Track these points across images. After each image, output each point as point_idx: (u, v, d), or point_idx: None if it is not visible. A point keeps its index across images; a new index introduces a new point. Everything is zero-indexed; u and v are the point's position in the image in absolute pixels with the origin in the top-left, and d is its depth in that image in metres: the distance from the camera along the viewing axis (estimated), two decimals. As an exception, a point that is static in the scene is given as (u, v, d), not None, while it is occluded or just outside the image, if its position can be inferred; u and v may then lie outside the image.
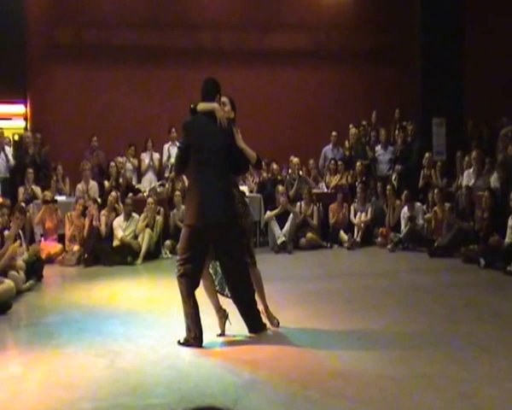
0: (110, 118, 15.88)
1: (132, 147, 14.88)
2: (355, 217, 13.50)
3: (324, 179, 14.89)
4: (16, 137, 15.22)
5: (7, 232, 9.32)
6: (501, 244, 10.47)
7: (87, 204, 12.50)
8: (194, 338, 6.31)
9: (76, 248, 12.03)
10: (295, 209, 13.25)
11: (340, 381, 5.38)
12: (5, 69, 15.12)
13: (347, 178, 14.62)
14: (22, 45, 15.76)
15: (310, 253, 12.71)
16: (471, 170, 12.97)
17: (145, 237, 12.00)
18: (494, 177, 12.40)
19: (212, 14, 16.66)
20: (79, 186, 13.68)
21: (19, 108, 16.04)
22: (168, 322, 7.36)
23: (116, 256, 11.75)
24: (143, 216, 12.32)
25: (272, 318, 6.97)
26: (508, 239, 10.46)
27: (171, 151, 14.83)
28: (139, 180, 14.96)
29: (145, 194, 13.62)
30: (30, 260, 9.78)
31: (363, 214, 13.42)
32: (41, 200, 12.74)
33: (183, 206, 12.78)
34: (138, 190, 14.09)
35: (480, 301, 8.45)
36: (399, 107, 15.81)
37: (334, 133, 15.57)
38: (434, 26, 15.43)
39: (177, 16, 16.56)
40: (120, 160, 14.25)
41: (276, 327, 6.91)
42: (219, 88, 6.55)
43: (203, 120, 6.41)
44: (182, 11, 16.62)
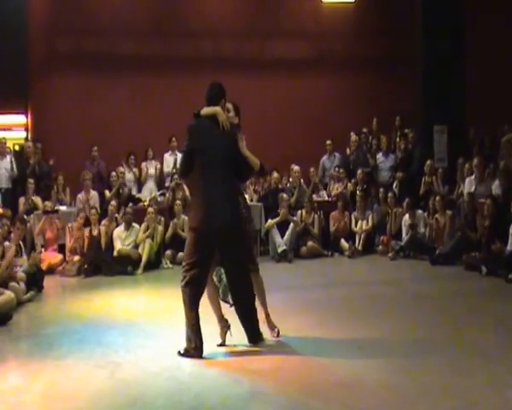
0: (111, 127, 15.88)
1: (132, 156, 14.85)
2: (356, 226, 13.47)
3: (328, 187, 14.86)
4: (17, 147, 15.25)
5: (7, 243, 9.30)
6: (503, 251, 10.45)
7: (91, 213, 12.48)
8: (194, 348, 6.27)
9: (76, 258, 12.00)
10: (295, 219, 13.22)
11: (342, 390, 5.35)
12: (6, 79, 15.15)
13: (347, 185, 14.57)
14: (23, 55, 15.78)
15: (310, 262, 12.67)
16: (472, 177, 12.93)
17: (145, 247, 11.97)
18: (496, 184, 12.37)
19: (213, 22, 16.69)
20: (80, 196, 13.67)
21: (19, 119, 16.05)
22: (169, 333, 7.33)
23: (116, 266, 11.72)
24: (144, 226, 12.28)
25: (273, 326, 6.94)
26: (510, 247, 10.43)
27: (171, 160, 14.86)
28: (139, 190, 14.92)
29: (145, 203, 13.60)
30: (30, 270, 9.74)
31: (364, 222, 13.39)
32: (41, 210, 12.73)
33: (184, 215, 12.87)
34: (139, 200, 14.06)
35: (483, 308, 8.42)
36: (400, 114, 15.78)
37: (328, 142, 15.54)
38: (435, 34, 15.39)
39: (178, 25, 16.59)
40: (122, 169, 14.25)
41: (277, 337, 6.86)
42: (224, 93, 6.57)
43: (207, 124, 6.39)
44: (182, 20, 16.65)
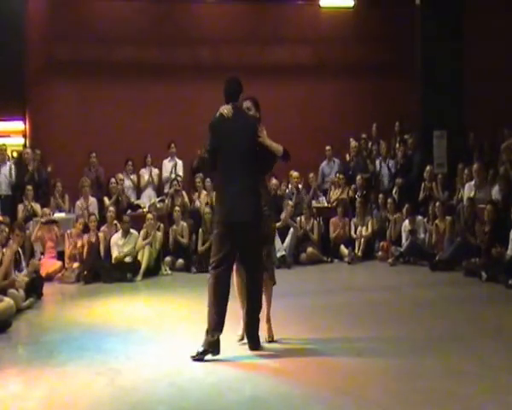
0: (109, 134, 15.83)
1: (130, 162, 14.84)
2: (355, 232, 13.44)
3: (328, 193, 14.83)
4: (15, 154, 15.22)
5: (6, 250, 9.27)
6: (503, 256, 10.43)
7: (90, 219, 12.45)
8: (213, 344, 6.28)
9: (75, 265, 11.97)
10: (296, 224, 13.20)
11: (343, 396, 5.33)
12: (4, 86, 15.12)
13: (348, 192, 14.53)
14: (21, 62, 15.73)
15: (310, 268, 12.65)
16: (472, 182, 12.91)
17: (145, 254, 11.93)
18: (496, 189, 12.35)
19: (212, 29, 16.66)
20: (79, 203, 13.64)
21: (18, 125, 16.00)
22: (169, 339, 7.32)
23: (116, 273, 11.69)
24: (143, 233, 12.24)
25: (270, 331, 6.97)
26: (510, 252, 10.41)
27: (170, 166, 14.87)
28: (138, 196, 14.90)
29: (145, 210, 13.58)
30: (29, 277, 9.72)
31: (363, 228, 13.37)
32: (39, 221, 12.64)
33: (183, 221, 12.86)
34: (138, 206, 14.04)
35: (483, 315, 8.40)
36: (400, 119, 15.76)
37: (327, 147, 15.55)
38: (435, 39, 15.42)
39: (177, 32, 16.54)
40: (121, 176, 14.23)
41: (270, 342, 6.88)
42: (242, 88, 6.76)
43: (229, 120, 6.51)
44: (181, 27, 16.61)
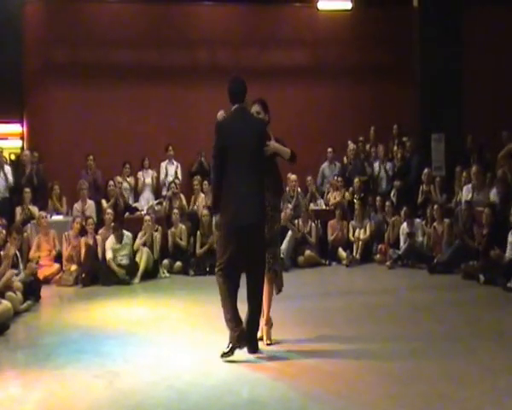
0: (106, 136, 15.82)
1: (127, 165, 14.80)
2: (353, 234, 13.42)
3: (326, 196, 14.81)
4: (13, 156, 15.20)
5: (3, 252, 9.26)
6: (501, 259, 10.42)
7: (87, 222, 12.43)
8: (238, 337, 6.35)
9: (73, 267, 11.94)
10: (294, 227, 13.18)
11: (341, 400, 5.33)
12: (1, 89, 15.10)
13: (344, 194, 14.51)
14: (19, 64, 15.73)
15: (308, 271, 12.64)
16: (470, 185, 12.91)
17: (143, 256, 11.92)
18: (494, 192, 12.35)
19: (210, 32, 16.67)
20: (76, 205, 13.60)
21: (15, 128, 16.02)
22: (167, 342, 7.31)
23: (114, 276, 11.67)
24: (142, 234, 12.26)
25: (268, 334, 6.97)
26: (508, 255, 10.40)
27: (167, 169, 14.85)
28: (136, 199, 14.88)
29: (143, 213, 13.56)
30: (26, 279, 9.69)
31: (361, 231, 13.36)
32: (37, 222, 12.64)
33: (181, 224, 12.84)
34: (136, 209, 14.02)
35: (481, 318, 8.39)
36: (398, 122, 15.77)
37: (329, 149, 15.53)
38: (433, 41, 15.42)
39: (175, 35, 16.55)
40: (119, 179, 14.21)
41: (268, 345, 6.88)
42: (246, 88, 6.81)
43: (235, 121, 6.61)
44: (179, 30, 16.62)
